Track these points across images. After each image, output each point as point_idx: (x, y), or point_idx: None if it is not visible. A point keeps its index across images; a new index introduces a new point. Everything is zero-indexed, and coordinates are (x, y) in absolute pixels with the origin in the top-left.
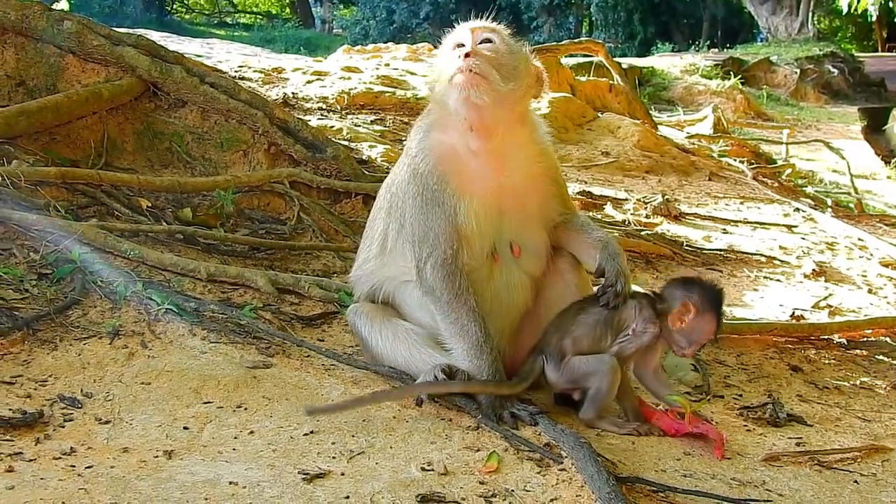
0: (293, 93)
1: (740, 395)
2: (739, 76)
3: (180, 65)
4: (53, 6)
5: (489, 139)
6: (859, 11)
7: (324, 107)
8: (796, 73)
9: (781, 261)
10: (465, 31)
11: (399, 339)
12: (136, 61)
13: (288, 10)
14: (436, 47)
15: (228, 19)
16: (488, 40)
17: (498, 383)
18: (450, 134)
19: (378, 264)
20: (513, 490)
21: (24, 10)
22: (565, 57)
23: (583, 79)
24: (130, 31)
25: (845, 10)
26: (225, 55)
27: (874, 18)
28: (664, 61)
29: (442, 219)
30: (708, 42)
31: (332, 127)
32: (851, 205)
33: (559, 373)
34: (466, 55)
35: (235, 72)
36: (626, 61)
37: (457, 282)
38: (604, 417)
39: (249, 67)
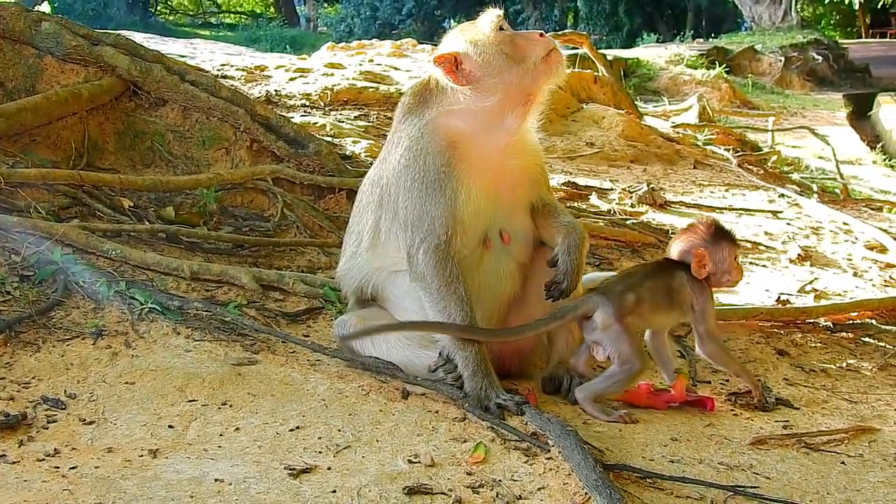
0: (276, 90)
1: (727, 381)
2: (724, 65)
3: (160, 63)
4: (35, 9)
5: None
6: (846, 2)
7: (307, 103)
8: (781, 60)
9: (767, 246)
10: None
11: (392, 344)
12: (116, 61)
13: (272, 9)
14: (420, 43)
15: (213, 19)
16: None
17: (521, 328)
18: (463, 119)
19: (370, 256)
20: (500, 480)
21: (2, 12)
22: None
23: (567, 71)
24: (113, 32)
25: None
26: (209, 55)
27: (856, 5)
28: (649, 52)
29: (441, 203)
30: (692, 32)
31: (316, 123)
32: (837, 190)
33: (612, 320)
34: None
35: (218, 70)
36: (611, 53)
37: (448, 269)
38: (595, 403)
39: (232, 66)
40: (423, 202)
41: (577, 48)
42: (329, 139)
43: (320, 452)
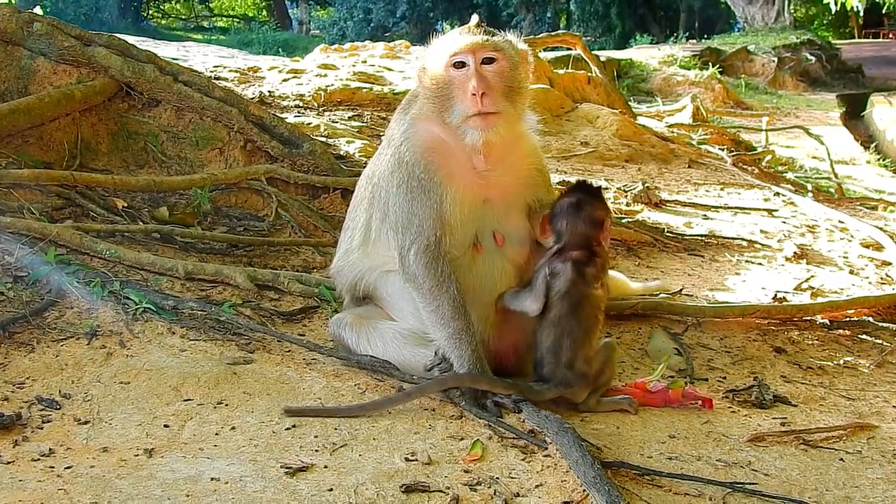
0: (269, 91)
1: (724, 378)
2: (717, 66)
3: (153, 64)
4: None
5: (495, 158)
6: (848, 8)
7: (301, 104)
8: (774, 61)
9: (763, 244)
10: (466, 50)
11: (388, 343)
12: (108, 61)
13: (264, 12)
14: (413, 45)
15: (205, 23)
16: (491, 59)
17: (512, 384)
18: (440, 127)
19: (361, 254)
20: (497, 477)
21: None
22: (543, 50)
23: (561, 71)
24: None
25: (834, 8)
26: (201, 57)
27: (861, 12)
28: (642, 53)
29: (427, 207)
30: (686, 33)
31: (310, 124)
32: (832, 189)
33: (586, 387)
34: (483, 95)
35: (211, 72)
36: (604, 54)
37: (439, 269)
38: (601, 399)
39: (225, 68)
40: (410, 205)
41: (571, 49)
42: (323, 139)
43: (317, 451)
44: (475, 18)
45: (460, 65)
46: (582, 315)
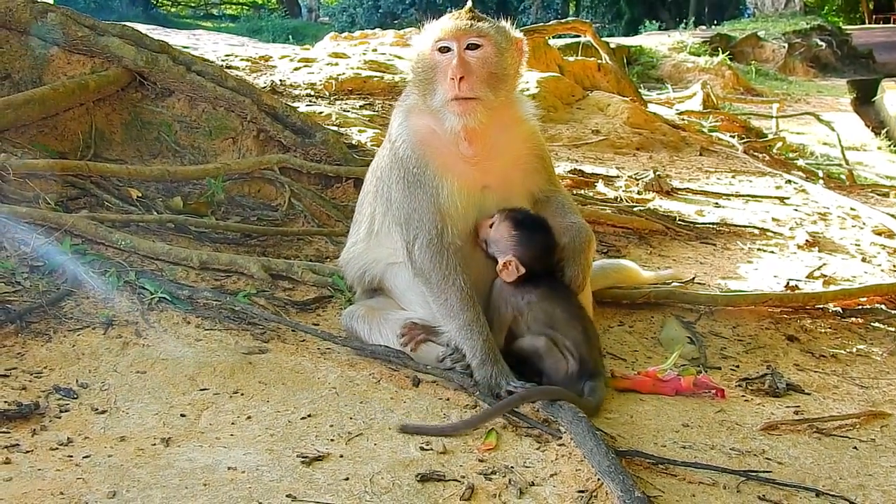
0: (281, 80)
1: (737, 367)
2: (727, 52)
3: (166, 53)
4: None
5: (482, 144)
6: None
7: (312, 93)
8: (784, 47)
9: (774, 232)
10: (450, 35)
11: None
12: (122, 51)
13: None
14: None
15: (214, 11)
16: (475, 45)
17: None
18: (430, 118)
19: (365, 247)
20: (512, 466)
21: (8, 3)
22: (553, 38)
23: (571, 59)
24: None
25: None
26: (212, 46)
27: None
28: (652, 40)
29: (425, 200)
30: (695, 19)
31: (321, 113)
32: (843, 176)
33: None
34: (461, 79)
35: (222, 61)
36: (613, 41)
37: (444, 261)
38: None
39: (236, 56)
40: (409, 200)
41: (581, 36)
42: (335, 128)
43: (332, 440)
44: (469, 3)
45: (445, 49)
46: (568, 292)
